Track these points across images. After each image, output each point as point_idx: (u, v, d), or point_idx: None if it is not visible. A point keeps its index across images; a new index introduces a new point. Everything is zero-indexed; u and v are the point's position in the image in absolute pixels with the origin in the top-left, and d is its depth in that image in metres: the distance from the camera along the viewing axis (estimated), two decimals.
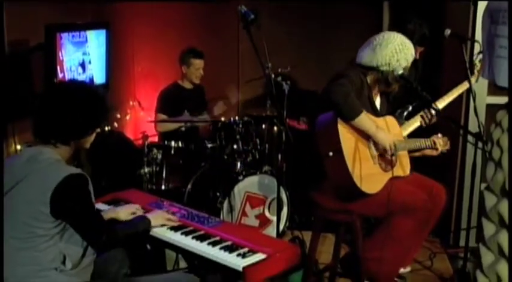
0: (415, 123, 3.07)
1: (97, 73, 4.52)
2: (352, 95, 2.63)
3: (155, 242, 2.41)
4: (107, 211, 2.50)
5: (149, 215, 2.42)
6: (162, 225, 2.44)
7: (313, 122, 2.89)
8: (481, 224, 1.95)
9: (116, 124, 4.91)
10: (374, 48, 2.83)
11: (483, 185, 1.70)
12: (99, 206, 2.65)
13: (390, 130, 2.87)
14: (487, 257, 1.85)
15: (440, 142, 3.06)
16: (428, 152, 3.07)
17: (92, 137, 2.22)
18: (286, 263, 2.22)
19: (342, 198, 2.71)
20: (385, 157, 2.76)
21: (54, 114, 2.10)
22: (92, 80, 4.45)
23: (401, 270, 3.34)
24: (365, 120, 2.65)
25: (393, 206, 2.65)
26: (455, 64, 3.63)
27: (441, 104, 3.13)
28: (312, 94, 4.71)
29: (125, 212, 2.49)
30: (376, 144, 2.76)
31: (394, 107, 3.21)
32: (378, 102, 2.99)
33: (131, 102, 5.43)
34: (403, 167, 2.92)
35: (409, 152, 3.02)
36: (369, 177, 2.68)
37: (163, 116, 4.47)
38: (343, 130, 2.63)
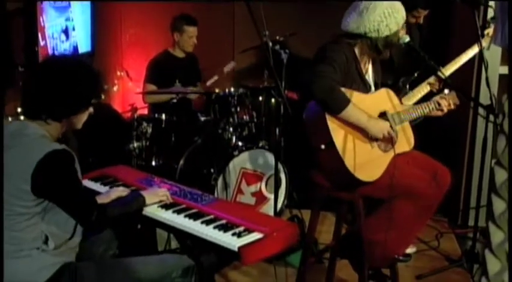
0: (421, 91, 3.05)
1: (81, 41, 4.48)
2: (335, 86, 2.56)
3: (146, 220, 2.42)
4: (99, 197, 2.49)
5: (143, 192, 2.43)
6: (153, 204, 2.45)
7: (304, 98, 2.87)
8: (491, 202, 1.96)
9: (102, 96, 4.88)
10: (360, 13, 2.72)
11: (494, 161, 1.70)
12: (86, 183, 2.65)
13: (387, 102, 2.84)
14: (497, 235, 1.86)
15: (445, 102, 2.96)
16: (433, 113, 2.99)
17: (85, 116, 2.24)
18: (284, 243, 2.23)
19: (340, 188, 2.73)
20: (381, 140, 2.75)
21: (48, 89, 2.11)
22: (76, 48, 4.41)
23: (407, 250, 3.38)
24: (353, 111, 2.59)
25: (396, 189, 2.66)
26: (464, 29, 3.61)
27: (449, 70, 3.10)
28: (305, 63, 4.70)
29: (116, 193, 2.48)
30: None
31: (398, 75, 3.19)
32: (370, 72, 2.93)
33: (119, 72, 5.40)
34: (407, 140, 2.88)
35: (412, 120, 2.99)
36: (368, 164, 2.67)
37: (152, 87, 4.45)
38: (332, 122, 2.60)
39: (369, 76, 2.92)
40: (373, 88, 2.92)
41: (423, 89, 3.06)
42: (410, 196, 2.70)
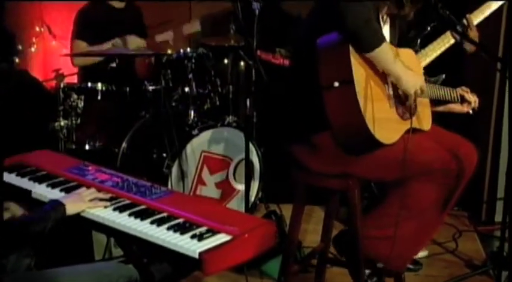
0: (439, 47, 3.08)
1: None
2: (372, 19, 2.63)
3: (78, 221, 2.40)
4: None
5: (64, 199, 2.40)
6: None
7: (299, 54, 2.88)
8: None
9: (16, 59, 4.82)
10: None
11: None
12: None
13: (412, 65, 2.87)
14: None
15: (470, 96, 3.11)
16: (454, 107, 3.11)
17: None
18: (258, 246, 2.24)
19: (346, 147, 2.72)
20: (404, 102, 2.79)
21: None
22: None
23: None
24: (387, 53, 2.65)
25: (410, 166, 2.68)
26: None
27: (477, 18, 3.14)
28: (296, 17, 4.69)
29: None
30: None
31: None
32: (386, 32, 2.98)
33: (38, 28, 5.32)
34: (424, 119, 2.94)
35: (431, 103, 3.04)
36: (384, 122, 2.70)
37: (82, 44, 4.40)
38: (355, 58, 2.64)
39: (385, 34, 2.96)
40: None
41: (439, 46, 3.09)
42: (430, 174, 2.74)
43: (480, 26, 3.18)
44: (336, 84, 2.62)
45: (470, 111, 3.16)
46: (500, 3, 3.26)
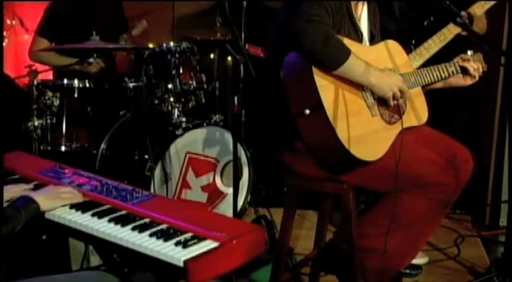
0: (435, 45, 3.07)
1: None
2: (332, 34, 2.60)
3: (53, 228, 2.39)
4: None
5: (36, 195, 2.38)
6: (63, 206, 2.42)
7: (270, 58, 2.88)
8: None
9: None
10: None
11: None
12: None
13: (392, 60, 2.88)
14: None
15: (472, 65, 3.01)
16: (455, 80, 3.04)
17: None
18: (247, 253, 2.24)
19: (331, 170, 2.74)
20: (389, 104, 2.78)
21: None
22: None
23: (415, 260, 3.44)
24: (354, 65, 2.63)
25: (403, 178, 2.69)
26: None
27: (479, 10, 3.13)
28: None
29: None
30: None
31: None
32: (364, 17, 2.97)
33: (9, 21, 5.30)
34: (417, 112, 2.93)
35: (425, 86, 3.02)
36: (367, 137, 2.70)
37: (44, 42, 4.40)
38: (321, 78, 2.63)
39: (363, 22, 2.95)
40: (366, 38, 2.95)
41: (435, 43, 3.08)
42: (422, 187, 2.74)
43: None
44: (307, 111, 2.64)
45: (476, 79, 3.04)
46: None
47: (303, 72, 2.65)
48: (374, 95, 2.77)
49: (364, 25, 2.96)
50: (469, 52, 3.08)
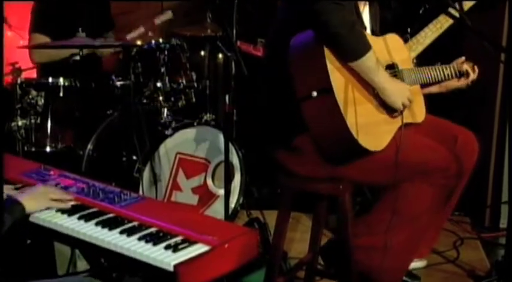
0: (432, 33, 3.08)
1: None
2: (356, 23, 2.63)
3: (38, 232, 2.39)
4: None
5: (21, 196, 2.38)
6: (48, 208, 2.42)
7: (272, 51, 2.87)
8: None
9: None
10: None
11: None
12: None
13: (394, 54, 2.89)
14: None
15: (469, 69, 3.10)
16: (452, 83, 3.11)
17: None
18: (239, 257, 2.24)
19: (331, 158, 2.73)
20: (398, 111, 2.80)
21: None
22: None
23: (413, 264, 3.44)
24: (371, 62, 2.65)
25: (404, 167, 2.70)
26: None
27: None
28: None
29: None
30: None
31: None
32: (365, 14, 3.00)
33: None
34: (416, 110, 2.95)
35: (423, 87, 3.05)
36: (370, 127, 2.71)
37: (42, 38, 4.37)
38: (332, 62, 2.64)
39: (365, 19, 2.99)
40: (369, 32, 2.97)
41: (431, 31, 3.10)
42: (425, 175, 2.75)
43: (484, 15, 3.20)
44: (314, 93, 2.63)
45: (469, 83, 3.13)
46: None
47: (313, 53, 2.65)
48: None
49: (366, 22, 2.98)
50: (463, 58, 3.14)
